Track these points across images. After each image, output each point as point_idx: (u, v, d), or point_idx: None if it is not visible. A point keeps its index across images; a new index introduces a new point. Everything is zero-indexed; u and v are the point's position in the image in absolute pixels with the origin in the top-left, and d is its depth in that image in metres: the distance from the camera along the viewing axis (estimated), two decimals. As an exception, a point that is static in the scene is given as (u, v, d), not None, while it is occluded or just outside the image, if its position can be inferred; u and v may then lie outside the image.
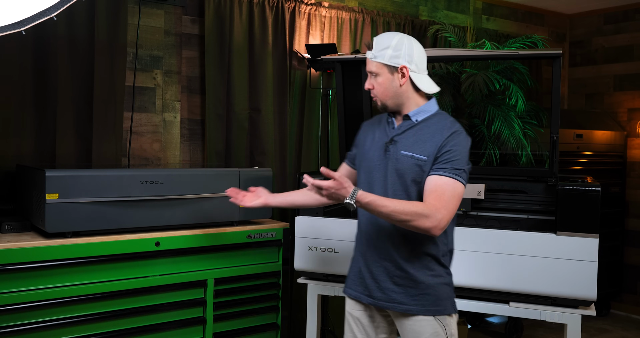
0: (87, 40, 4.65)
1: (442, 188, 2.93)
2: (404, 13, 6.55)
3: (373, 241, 3.17)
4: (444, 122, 3.09)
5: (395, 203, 2.89)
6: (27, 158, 4.43)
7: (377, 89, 3.11)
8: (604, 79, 7.86)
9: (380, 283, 3.13)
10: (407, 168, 3.04)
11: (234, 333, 4.42)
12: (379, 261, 3.13)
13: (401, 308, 3.07)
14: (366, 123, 3.43)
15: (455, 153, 2.99)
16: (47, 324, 3.63)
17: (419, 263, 3.06)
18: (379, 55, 3.07)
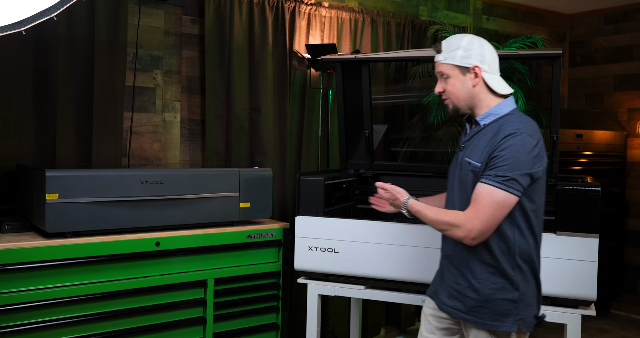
0: (87, 40, 4.65)
1: (479, 196, 2.86)
2: (404, 13, 6.55)
3: (445, 247, 3.17)
4: (505, 126, 2.94)
5: (434, 212, 2.96)
6: (27, 158, 4.43)
7: (449, 91, 3.06)
8: (604, 79, 7.86)
9: (446, 287, 3.12)
10: (465, 175, 3.01)
11: (234, 334, 4.43)
12: (449, 267, 3.12)
13: (459, 316, 3.04)
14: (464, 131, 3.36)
15: (503, 158, 2.84)
16: (47, 324, 3.64)
17: (481, 275, 2.97)
18: (449, 56, 3.03)
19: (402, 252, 3.97)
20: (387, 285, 4.11)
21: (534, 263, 3.01)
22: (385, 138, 6.14)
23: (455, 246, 3.04)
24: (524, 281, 2.96)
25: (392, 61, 6.22)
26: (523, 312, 2.94)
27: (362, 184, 4.97)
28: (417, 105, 6.24)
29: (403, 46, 6.42)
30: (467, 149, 3.04)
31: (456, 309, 3.04)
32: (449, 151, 5.90)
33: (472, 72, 3.01)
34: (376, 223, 4.08)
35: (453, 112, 3.11)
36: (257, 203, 4.54)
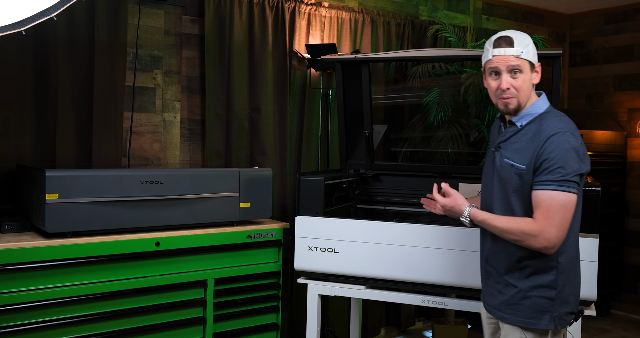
0: (87, 40, 4.65)
1: (546, 203, 2.81)
2: (404, 13, 6.55)
3: (485, 248, 3.18)
4: (544, 125, 2.92)
5: (505, 221, 2.89)
6: (27, 158, 4.43)
7: (519, 87, 2.95)
8: (604, 79, 7.86)
9: (488, 287, 3.17)
10: (508, 177, 2.97)
11: (234, 334, 4.43)
12: (488, 267, 3.15)
13: (498, 315, 3.08)
14: (493, 125, 3.36)
15: (555, 160, 2.81)
16: (47, 324, 3.64)
17: (520, 273, 2.99)
18: (525, 51, 2.94)
19: (402, 252, 3.97)
20: (387, 285, 4.11)
21: (575, 261, 3.04)
22: (385, 138, 6.13)
23: (494, 246, 3.08)
24: (563, 279, 2.97)
25: (392, 61, 6.22)
26: (559, 309, 2.95)
27: (362, 184, 4.97)
28: (417, 105, 6.25)
29: (403, 46, 6.43)
30: (507, 150, 3.01)
31: (495, 307, 3.09)
32: (449, 151, 5.90)
33: (535, 71, 3.02)
34: (376, 223, 4.08)
35: (513, 111, 3.00)
36: (257, 203, 4.54)
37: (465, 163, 6.25)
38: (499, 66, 2.94)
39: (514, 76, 2.94)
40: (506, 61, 2.93)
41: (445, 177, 4.72)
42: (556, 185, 2.78)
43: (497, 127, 3.21)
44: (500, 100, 2.98)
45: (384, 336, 6.48)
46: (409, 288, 4.10)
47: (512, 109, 2.98)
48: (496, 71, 2.97)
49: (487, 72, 3.04)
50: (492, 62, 2.97)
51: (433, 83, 6.11)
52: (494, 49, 2.97)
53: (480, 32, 7.10)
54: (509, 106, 2.97)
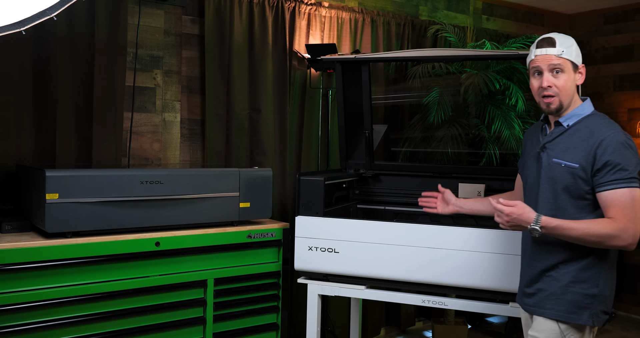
0: (87, 40, 4.66)
1: (621, 201, 2.86)
2: (404, 13, 6.55)
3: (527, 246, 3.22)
4: (594, 126, 3.02)
5: (584, 225, 2.87)
6: (27, 158, 4.43)
7: (561, 86, 3.02)
8: (604, 79, 7.87)
9: (523, 288, 3.23)
10: (559, 176, 3.01)
11: (234, 334, 4.43)
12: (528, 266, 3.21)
13: (537, 312, 3.11)
14: (528, 130, 3.42)
15: (618, 160, 2.89)
16: (47, 324, 3.64)
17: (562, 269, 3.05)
18: (567, 51, 3.01)
19: (402, 252, 3.97)
20: (387, 285, 4.11)
21: (615, 262, 3.10)
22: (385, 138, 6.14)
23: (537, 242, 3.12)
24: (604, 278, 3.03)
25: (392, 61, 6.23)
26: (598, 307, 3.00)
27: (362, 184, 4.97)
28: (417, 105, 6.25)
29: (403, 46, 6.43)
30: (554, 150, 3.06)
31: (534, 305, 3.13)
32: (449, 151, 5.90)
33: (579, 71, 3.09)
34: (376, 223, 4.08)
35: (555, 110, 3.07)
36: (257, 203, 4.55)
37: (465, 163, 6.26)
38: (541, 65, 3.03)
39: (555, 75, 3.02)
40: (548, 60, 3.01)
41: (445, 177, 4.73)
42: (625, 183, 2.85)
43: (539, 129, 3.25)
44: (542, 99, 3.06)
45: (384, 336, 6.48)
46: (409, 288, 4.10)
47: (553, 109, 3.05)
48: (538, 70, 3.05)
49: (530, 72, 3.13)
50: (535, 61, 3.06)
51: (433, 83, 6.12)
52: (536, 49, 3.07)
53: (480, 32, 7.11)
54: (550, 106, 3.04)
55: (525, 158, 3.31)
